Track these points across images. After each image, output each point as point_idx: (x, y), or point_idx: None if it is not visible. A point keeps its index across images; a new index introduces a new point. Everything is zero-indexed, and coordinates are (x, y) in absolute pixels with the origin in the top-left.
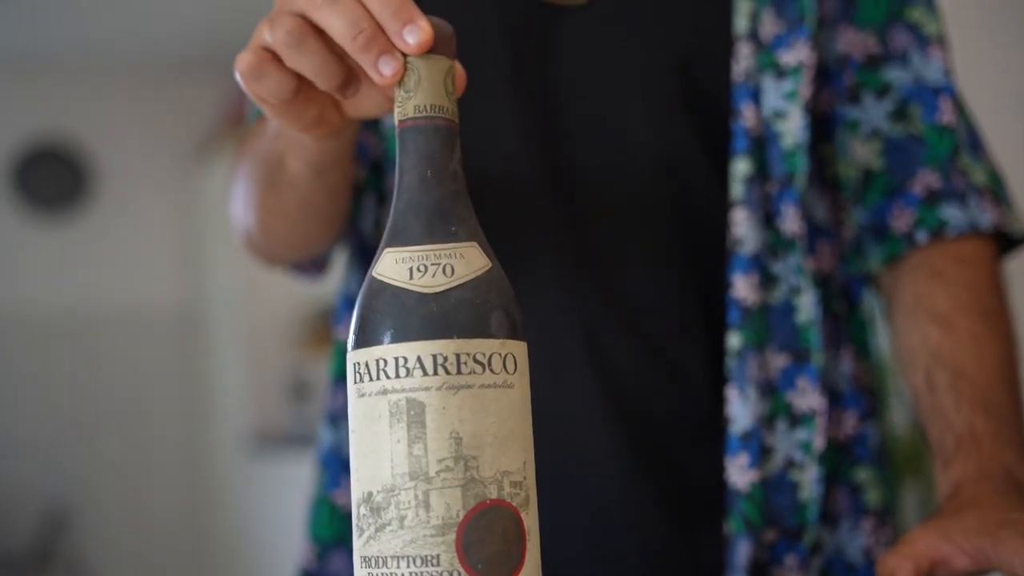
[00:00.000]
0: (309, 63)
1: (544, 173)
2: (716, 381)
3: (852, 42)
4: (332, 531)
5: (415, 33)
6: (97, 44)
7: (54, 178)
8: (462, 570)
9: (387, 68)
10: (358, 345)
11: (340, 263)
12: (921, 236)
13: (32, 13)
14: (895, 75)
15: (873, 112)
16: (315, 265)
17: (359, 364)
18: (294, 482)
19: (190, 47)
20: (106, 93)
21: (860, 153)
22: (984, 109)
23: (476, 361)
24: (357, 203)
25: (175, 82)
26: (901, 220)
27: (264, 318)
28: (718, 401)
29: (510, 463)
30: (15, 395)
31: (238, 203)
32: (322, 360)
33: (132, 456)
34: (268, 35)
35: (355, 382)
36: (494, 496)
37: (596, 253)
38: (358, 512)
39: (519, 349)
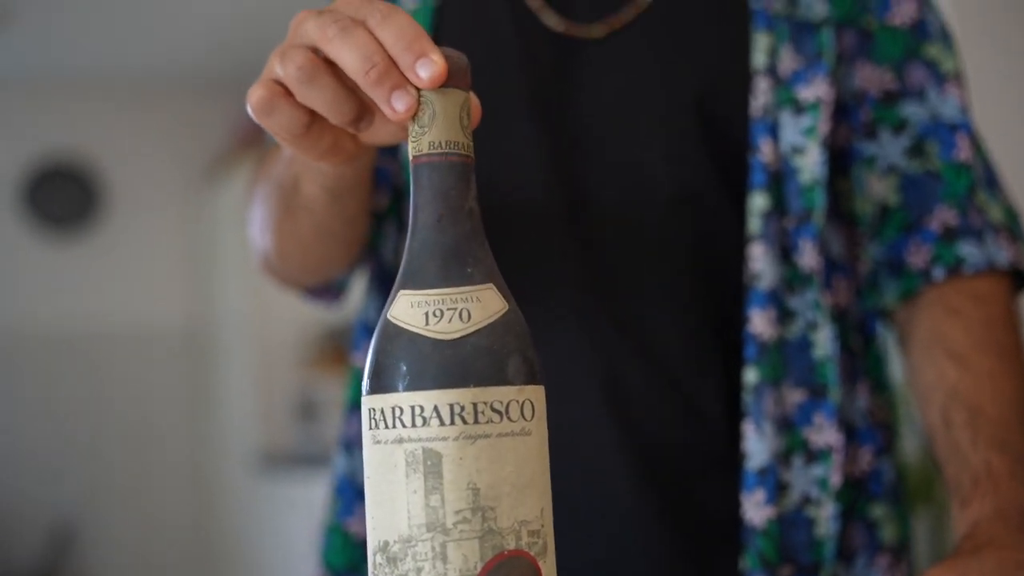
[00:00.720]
0: (321, 98)
1: (561, 206)
2: (732, 416)
3: (869, 78)
4: (345, 559)
5: (428, 67)
6: (109, 63)
7: (65, 196)
8: None
9: (400, 104)
10: (373, 390)
11: (358, 289)
12: (938, 273)
13: (44, 31)
14: (912, 111)
15: (890, 148)
16: (331, 291)
17: (374, 410)
18: (301, 502)
19: (202, 67)
20: (118, 111)
21: (876, 189)
22: (985, 111)
23: (493, 410)
24: (378, 230)
25: (186, 101)
26: (918, 256)
27: (273, 338)
28: (734, 436)
29: (528, 512)
30: (23, 412)
31: (255, 225)
32: (330, 380)
33: (139, 474)
34: (279, 68)
35: (370, 428)
36: (512, 546)
37: (613, 286)
38: (374, 560)
39: (537, 394)
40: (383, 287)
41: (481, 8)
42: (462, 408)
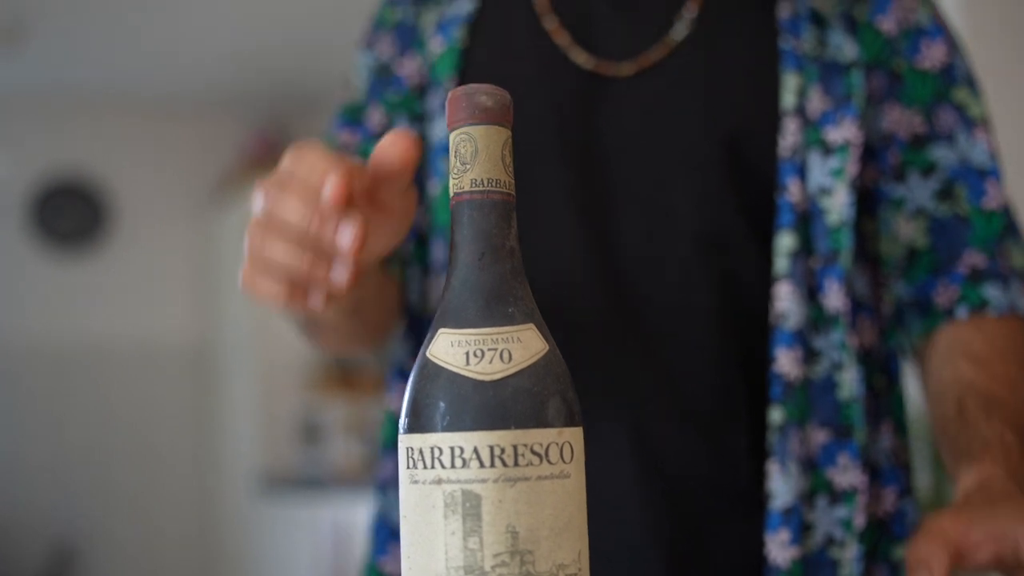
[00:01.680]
0: (281, 273)
1: (588, 245)
2: (757, 455)
3: (898, 120)
4: None
5: (346, 233)
6: (119, 81)
7: (72, 213)
8: None
9: (339, 278)
10: (411, 429)
11: None
12: (961, 312)
13: (55, 49)
14: (941, 154)
15: (918, 191)
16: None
17: (412, 449)
18: (302, 524)
19: (211, 87)
20: (126, 130)
21: (904, 231)
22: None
23: (533, 452)
24: (405, 277)
25: (195, 121)
26: (944, 296)
27: (278, 359)
28: (759, 476)
29: (565, 555)
30: (28, 428)
31: None
32: (333, 404)
33: (142, 492)
34: (246, 248)
35: (408, 467)
36: None
37: (640, 324)
38: None
39: (576, 436)
40: (412, 332)
41: (508, 47)
42: (502, 450)
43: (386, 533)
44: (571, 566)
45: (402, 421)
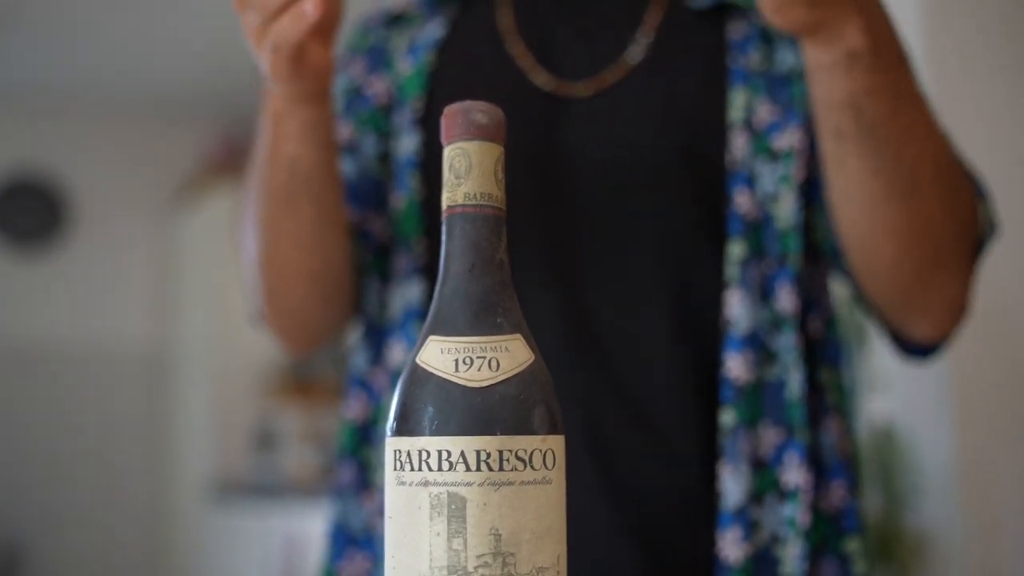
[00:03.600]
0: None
1: (546, 254)
2: (708, 457)
3: None
4: None
5: None
6: (83, 81)
7: (31, 212)
8: None
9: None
10: (400, 432)
11: None
12: None
13: (18, 47)
14: None
15: None
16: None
17: (400, 452)
18: (254, 532)
19: (176, 90)
20: (89, 130)
21: None
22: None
23: (518, 458)
24: (362, 286)
25: (158, 124)
26: None
27: (233, 365)
28: (709, 477)
29: (545, 559)
30: None
31: (249, 252)
32: (289, 411)
33: (92, 495)
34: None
35: (395, 469)
36: None
37: (595, 330)
38: None
39: (558, 444)
40: (369, 340)
41: (474, 69)
42: (488, 455)
43: (344, 539)
44: (550, 569)
45: (389, 425)
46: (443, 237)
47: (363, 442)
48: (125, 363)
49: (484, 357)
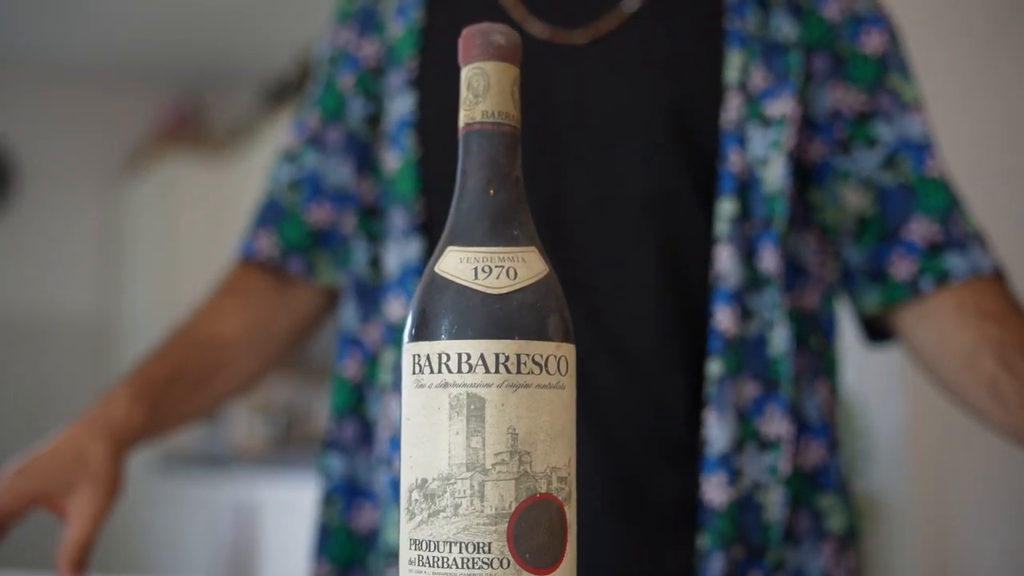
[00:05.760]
0: None
1: (537, 202)
2: (693, 405)
3: (843, 98)
4: (348, 553)
5: None
6: (31, 46)
7: None
8: (511, 558)
9: None
10: (419, 338)
11: None
12: (926, 284)
13: None
14: (882, 130)
15: (864, 163)
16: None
17: (419, 356)
18: (203, 503)
19: (126, 57)
20: (37, 97)
21: (852, 200)
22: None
23: (535, 362)
24: (347, 250)
25: (108, 90)
26: (902, 268)
27: None
28: (694, 424)
29: (558, 460)
30: None
31: None
32: None
33: None
34: None
35: (413, 372)
36: (543, 490)
37: (584, 281)
38: (409, 497)
39: (570, 352)
40: (359, 299)
41: (465, 22)
42: (507, 358)
43: (352, 492)
44: (563, 469)
45: (407, 332)
46: (460, 154)
47: (361, 400)
48: (70, 333)
49: (502, 266)
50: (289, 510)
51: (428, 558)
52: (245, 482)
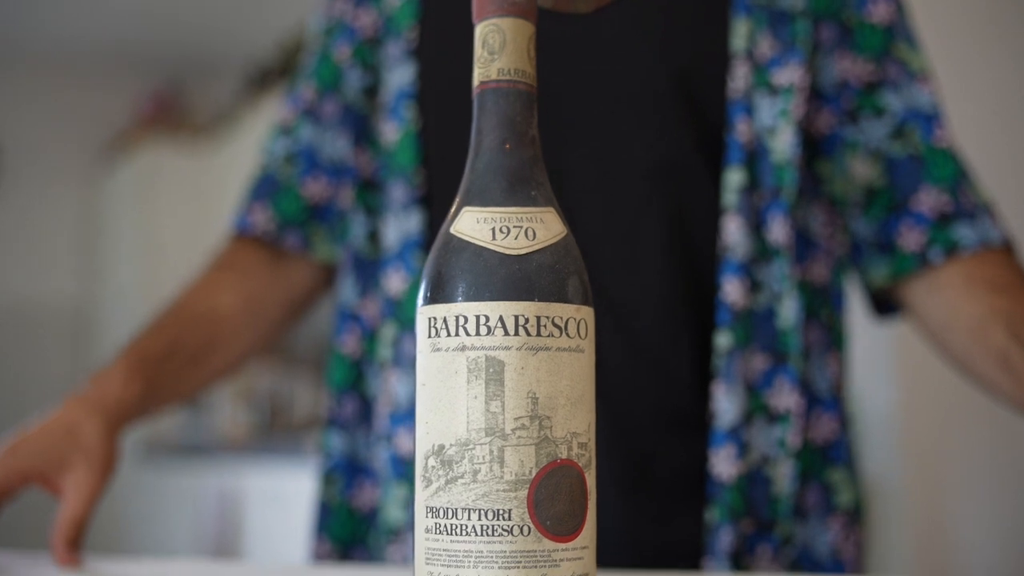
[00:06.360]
0: None
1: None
2: (701, 378)
3: (850, 68)
4: (349, 531)
5: None
6: (11, 32)
7: None
8: (532, 525)
9: None
10: (435, 300)
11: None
12: (935, 255)
13: None
14: (890, 100)
15: (872, 132)
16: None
17: (435, 319)
18: (186, 491)
19: (108, 44)
20: (17, 84)
21: (861, 171)
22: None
23: (554, 324)
24: (344, 224)
25: (89, 77)
26: (910, 239)
27: None
28: (702, 397)
29: (578, 425)
30: None
31: None
32: None
33: None
34: None
35: (429, 336)
36: (564, 456)
37: (592, 253)
38: (425, 463)
39: (589, 315)
40: (358, 273)
41: None
42: (526, 320)
43: (352, 470)
44: (583, 435)
45: (422, 295)
46: (475, 113)
47: (360, 376)
48: (50, 320)
49: (520, 227)
50: (273, 497)
51: (446, 526)
52: (228, 469)
